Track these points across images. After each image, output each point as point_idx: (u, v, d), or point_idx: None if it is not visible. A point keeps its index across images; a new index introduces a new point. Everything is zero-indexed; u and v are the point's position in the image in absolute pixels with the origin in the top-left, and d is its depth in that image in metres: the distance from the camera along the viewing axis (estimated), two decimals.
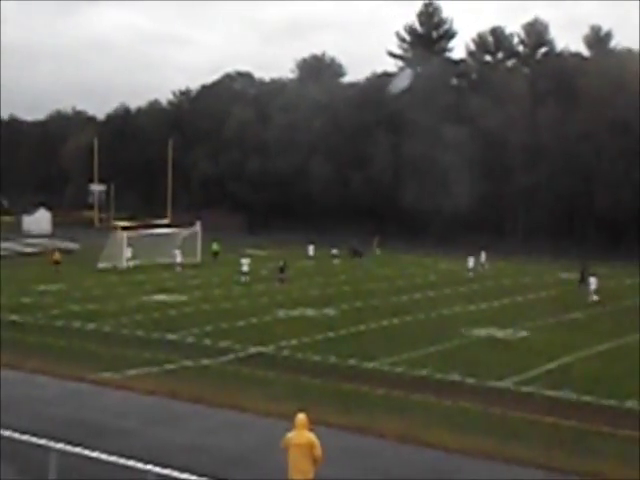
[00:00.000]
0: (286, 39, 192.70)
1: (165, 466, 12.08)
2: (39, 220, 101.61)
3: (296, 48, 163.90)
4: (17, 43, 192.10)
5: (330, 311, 37.46)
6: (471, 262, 56.01)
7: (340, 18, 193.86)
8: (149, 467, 11.92)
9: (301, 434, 12.74)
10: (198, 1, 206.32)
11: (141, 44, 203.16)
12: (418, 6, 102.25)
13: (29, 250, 72.08)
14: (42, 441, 13.19)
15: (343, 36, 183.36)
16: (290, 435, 12.82)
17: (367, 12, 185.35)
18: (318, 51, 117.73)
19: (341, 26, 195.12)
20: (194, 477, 11.74)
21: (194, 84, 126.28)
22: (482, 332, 32.10)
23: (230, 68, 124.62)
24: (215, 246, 63.98)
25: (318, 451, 12.63)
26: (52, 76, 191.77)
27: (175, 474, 11.77)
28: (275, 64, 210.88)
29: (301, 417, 12.94)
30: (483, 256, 59.47)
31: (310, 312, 37.16)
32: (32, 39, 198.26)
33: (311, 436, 12.73)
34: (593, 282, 43.89)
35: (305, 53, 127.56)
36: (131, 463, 12.22)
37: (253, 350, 27.77)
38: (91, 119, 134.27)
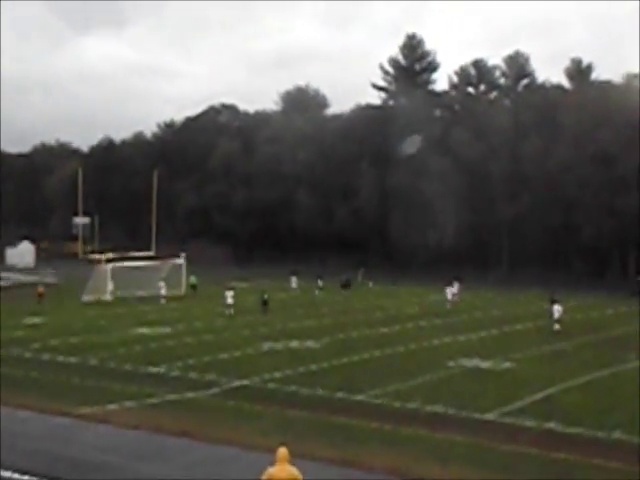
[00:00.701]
0: (270, 71, 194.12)
1: None
2: (23, 253, 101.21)
3: (280, 80, 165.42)
4: (1, 75, 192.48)
5: (313, 343, 37.35)
6: (449, 294, 55.74)
7: (323, 51, 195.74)
8: None
9: (283, 468, 12.59)
10: (183, 33, 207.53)
11: (126, 76, 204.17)
12: (401, 39, 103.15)
13: (11, 283, 71.70)
14: (24, 477, 13.06)
15: (326, 68, 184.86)
16: (272, 470, 12.62)
17: (350, 45, 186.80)
18: (302, 82, 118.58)
19: (324, 58, 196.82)
20: None
21: (179, 116, 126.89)
22: (467, 363, 32.06)
23: (215, 100, 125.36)
24: (193, 279, 63.70)
25: None
26: (37, 108, 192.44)
27: None
28: (259, 96, 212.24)
29: (282, 451, 12.78)
30: (456, 287, 58.95)
31: (294, 344, 37.04)
32: (17, 71, 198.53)
33: (293, 470, 12.62)
34: (557, 311, 43.36)
35: (289, 85, 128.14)
36: None
37: (237, 383, 27.62)
38: (75, 151, 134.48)
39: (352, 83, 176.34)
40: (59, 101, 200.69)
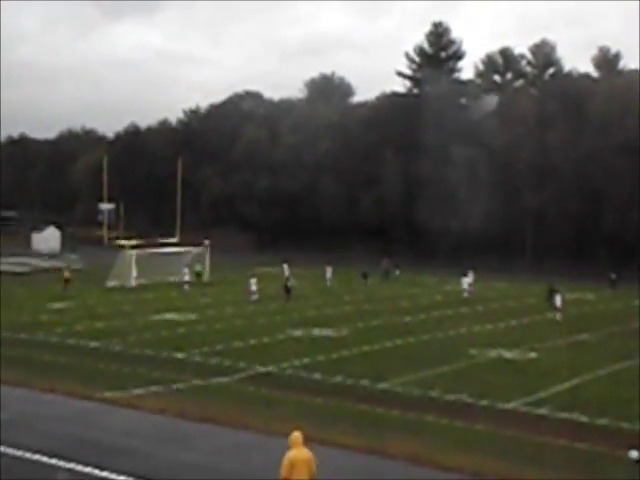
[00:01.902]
0: (296, 59, 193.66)
1: None
2: (48, 238, 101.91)
3: (306, 68, 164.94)
4: (28, 62, 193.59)
5: (338, 331, 37.41)
6: (465, 283, 55.24)
7: (349, 39, 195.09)
8: None
9: (302, 451, 13.15)
10: (213, 20, 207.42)
11: (154, 63, 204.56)
12: (427, 27, 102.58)
13: (39, 268, 72.32)
14: (51, 460, 13.21)
15: (352, 56, 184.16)
16: (292, 454, 13.07)
17: (377, 33, 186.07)
18: (328, 71, 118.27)
19: (350, 46, 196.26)
20: None
21: (204, 103, 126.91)
22: (491, 353, 32.01)
23: (240, 88, 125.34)
24: (198, 267, 63.39)
25: (315, 466, 13.13)
26: (63, 95, 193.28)
27: None
28: (285, 84, 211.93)
29: (298, 435, 13.35)
30: (471, 277, 58.41)
31: (318, 332, 37.10)
32: (45, 58, 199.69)
33: (309, 453, 13.19)
34: (558, 300, 43.41)
35: (314, 73, 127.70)
36: None
37: (262, 369, 27.74)
38: (101, 138, 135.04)
39: (378, 71, 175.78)
40: (85, 88, 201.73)
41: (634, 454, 15.54)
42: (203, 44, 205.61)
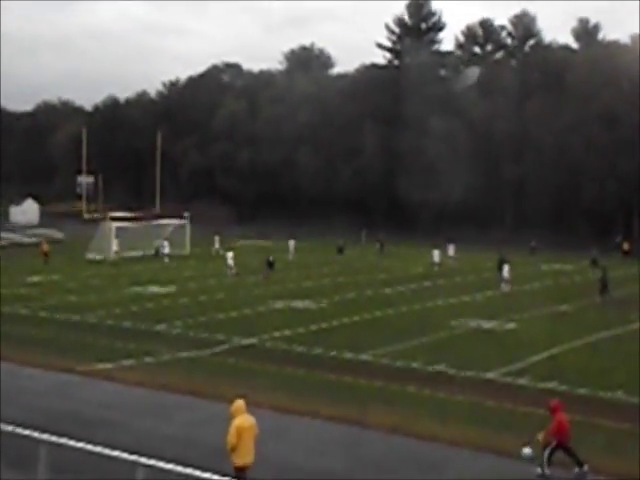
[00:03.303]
0: (276, 30, 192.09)
1: (153, 457, 12.09)
2: (26, 211, 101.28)
3: (285, 40, 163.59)
4: (6, 32, 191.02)
5: (319, 303, 37.45)
6: (436, 256, 54.49)
7: (329, 10, 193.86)
8: (137, 458, 11.92)
9: (246, 418, 13.57)
10: None
11: (133, 34, 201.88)
12: None
13: (17, 241, 71.88)
14: (32, 433, 13.17)
15: (332, 28, 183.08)
16: (238, 421, 13.42)
17: (356, 4, 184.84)
18: (307, 42, 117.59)
19: (330, 18, 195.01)
20: (181, 468, 11.76)
21: (183, 75, 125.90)
22: (471, 323, 32.17)
23: (223, 59, 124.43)
24: (157, 242, 62.10)
25: (257, 431, 13.64)
26: (41, 66, 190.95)
27: (163, 465, 11.78)
28: (265, 55, 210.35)
29: (241, 402, 13.79)
30: (451, 249, 58.34)
31: (300, 304, 37.13)
32: (21, 29, 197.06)
33: (252, 419, 13.66)
34: (506, 271, 43.74)
35: (294, 45, 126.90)
36: (120, 455, 12.22)
37: (243, 341, 27.76)
38: (79, 110, 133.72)
39: (358, 43, 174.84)
40: (65, 59, 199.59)
41: (527, 452, 15.47)
42: (186, 16, 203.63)
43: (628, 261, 61.14)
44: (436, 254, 54.56)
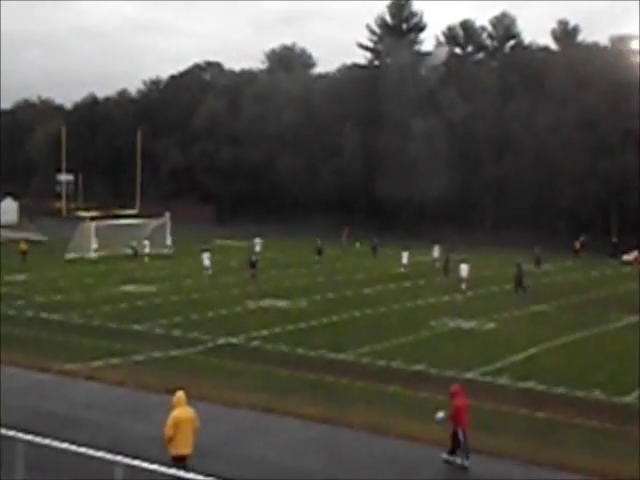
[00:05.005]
0: (259, 30, 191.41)
1: (133, 457, 12.07)
2: (6, 210, 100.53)
3: (268, 39, 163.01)
4: None
5: (298, 303, 37.49)
6: (405, 258, 53.28)
7: (310, 10, 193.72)
8: (117, 458, 11.90)
9: (185, 410, 13.95)
10: None
11: (119, 33, 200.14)
12: None
13: None
14: (9, 432, 13.11)
15: (313, 27, 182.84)
16: (176, 413, 13.81)
17: (339, 4, 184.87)
18: (288, 42, 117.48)
19: (312, 17, 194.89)
20: (162, 468, 11.75)
21: (164, 74, 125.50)
22: (450, 323, 32.30)
23: (207, 57, 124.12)
24: (134, 242, 60.54)
25: (198, 423, 13.99)
26: (23, 64, 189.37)
27: (143, 465, 11.77)
28: (245, 54, 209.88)
29: (181, 394, 14.20)
30: (436, 251, 57.72)
31: (280, 303, 37.16)
32: (6, 27, 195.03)
33: (192, 411, 14.01)
34: (463, 270, 43.94)
35: (276, 44, 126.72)
36: (99, 454, 12.20)
37: (223, 341, 27.76)
38: (58, 108, 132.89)
39: (340, 42, 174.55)
40: (41, 57, 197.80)
41: (439, 415, 16.47)
42: (175, 14, 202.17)
43: (577, 260, 62.58)
44: (405, 256, 53.75)
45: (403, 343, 28.07)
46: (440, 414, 16.42)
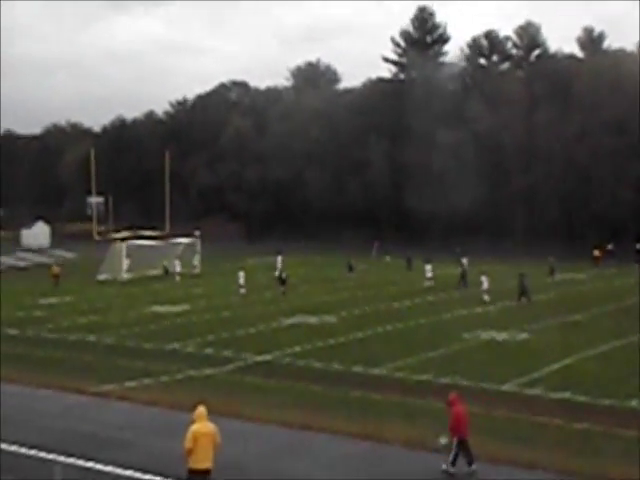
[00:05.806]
0: (282, 47, 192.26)
1: (167, 476, 12.06)
2: (38, 234, 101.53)
3: (291, 56, 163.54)
4: (12, 56, 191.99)
5: (330, 318, 37.41)
6: (428, 272, 52.16)
7: (335, 25, 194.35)
8: (151, 478, 11.91)
9: (205, 424, 13.95)
10: (209, 11, 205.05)
11: (146, 54, 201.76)
12: (412, 11, 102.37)
13: (29, 264, 72.07)
14: (46, 455, 13.17)
15: (338, 43, 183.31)
16: (195, 427, 13.80)
17: (361, 18, 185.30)
18: (312, 58, 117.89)
19: (336, 33, 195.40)
20: None
21: (191, 94, 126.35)
22: (484, 335, 32.06)
23: (233, 77, 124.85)
24: (165, 263, 61.54)
25: (219, 438, 13.96)
26: (52, 88, 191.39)
27: None
28: (270, 72, 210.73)
29: (202, 409, 14.17)
30: (465, 262, 56.65)
31: (312, 320, 37.09)
32: (29, 52, 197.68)
33: (213, 425, 13.96)
34: (484, 281, 43.98)
35: (301, 61, 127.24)
36: (134, 474, 12.20)
37: (256, 359, 27.73)
38: (87, 131, 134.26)
39: (364, 57, 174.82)
40: (70, 82, 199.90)
41: (442, 441, 16.14)
42: (201, 34, 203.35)
43: (595, 268, 62.21)
44: (428, 269, 53.13)
45: (436, 356, 27.89)
46: (443, 440, 16.19)
